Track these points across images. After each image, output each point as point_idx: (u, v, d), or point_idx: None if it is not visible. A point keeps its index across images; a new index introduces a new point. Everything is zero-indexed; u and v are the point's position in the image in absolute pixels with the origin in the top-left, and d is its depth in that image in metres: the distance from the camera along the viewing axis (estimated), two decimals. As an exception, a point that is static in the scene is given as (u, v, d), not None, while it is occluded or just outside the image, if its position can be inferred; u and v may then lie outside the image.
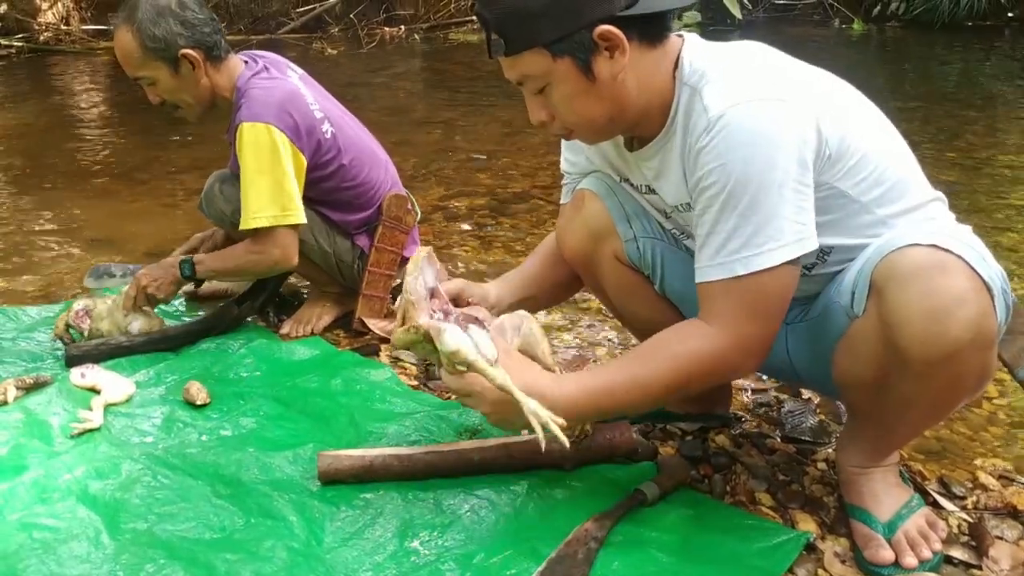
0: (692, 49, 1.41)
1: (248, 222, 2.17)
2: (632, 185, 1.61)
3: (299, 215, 2.20)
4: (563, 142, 1.70)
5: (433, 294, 1.48)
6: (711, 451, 1.79)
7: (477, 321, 1.45)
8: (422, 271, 1.47)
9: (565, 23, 1.32)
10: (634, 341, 2.31)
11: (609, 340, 2.39)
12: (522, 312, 1.55)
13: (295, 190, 2.19)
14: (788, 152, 1.27)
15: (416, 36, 8.69)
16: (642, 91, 1.39)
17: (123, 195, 4.08)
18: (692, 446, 1.79)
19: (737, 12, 7.76)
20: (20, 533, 1.53)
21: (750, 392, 2.05)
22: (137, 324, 2.29)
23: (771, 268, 1.29)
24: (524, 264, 1.84)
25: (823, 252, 1.42)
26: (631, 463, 1.71)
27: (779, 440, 1.84)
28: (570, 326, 2.48)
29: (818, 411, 1.94)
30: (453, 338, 1.35)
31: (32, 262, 3.20)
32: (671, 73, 1.40)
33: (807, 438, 1.83)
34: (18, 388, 2.00)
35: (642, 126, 1.45)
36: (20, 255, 3.28)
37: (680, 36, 1.44)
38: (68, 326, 2.29)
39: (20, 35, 8.82)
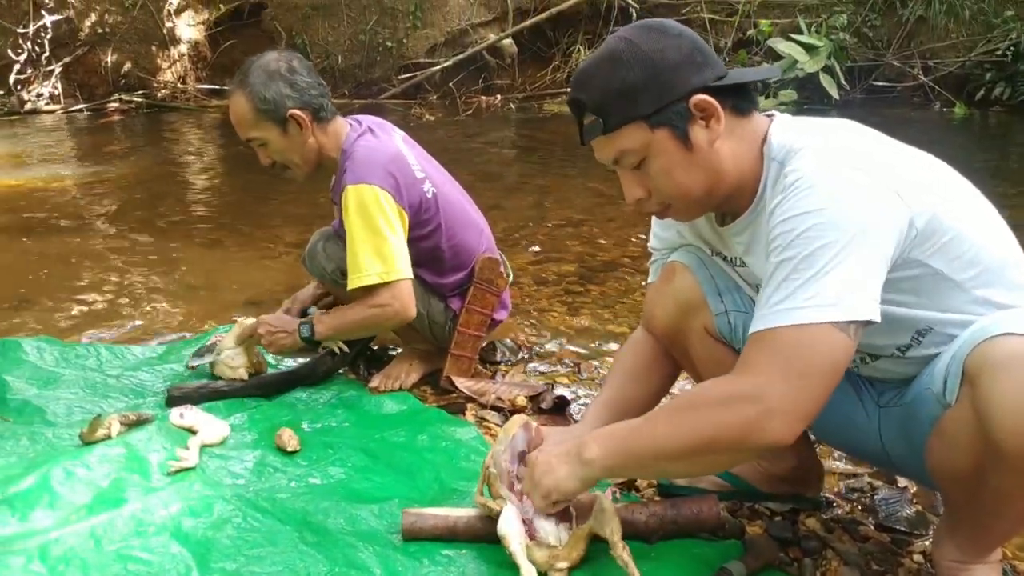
0: (780, 126, 1.44)
1: (357, 281, 2.24)
2: (724, 259, 1.61)
3: (406, 270, 2.26)
4: (653, 218, 1.71)
5: (523, 459, 1.63)
6: (801, 534, 1.74)
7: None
8: (513, 440, 1.63)
9: (662, 94, 1.37)
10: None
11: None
12: (597, 492, 1.59)
13: (401, 246, 2.25)
14: (857, 218, 1.26)
15: (512, 105, 8.89)
16: (735, 161, 1.42)
17: (226, 245, 4.25)
18: (781, 527, 1.74)
19: (834, 92, 7.71)
20: (116, 564, 1.58)
21: (843, 476, 1.99)
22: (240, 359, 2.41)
23: (810, 324, 1.25)
24: (609, 395, 1.77)
25: (919, 333, 1.39)
26: (716, 539, 1.68)
27: (873, 528, 1.78)
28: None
29: (915, 500, 1.87)
30: (505, 523, 1.54)
31: (136, 304, 3.36)
32: (760, 148, 1.43)
33: (903, 528, 1.76)
34: (122, 424, 2.08)
35: (733, 201, 1.47)
36: (126, 296, 3.44)
37: (770, 115, 1.47)
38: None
39: (140, 91, 9.35)
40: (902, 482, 1.94)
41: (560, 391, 2.43)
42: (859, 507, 1.86)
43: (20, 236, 4.40)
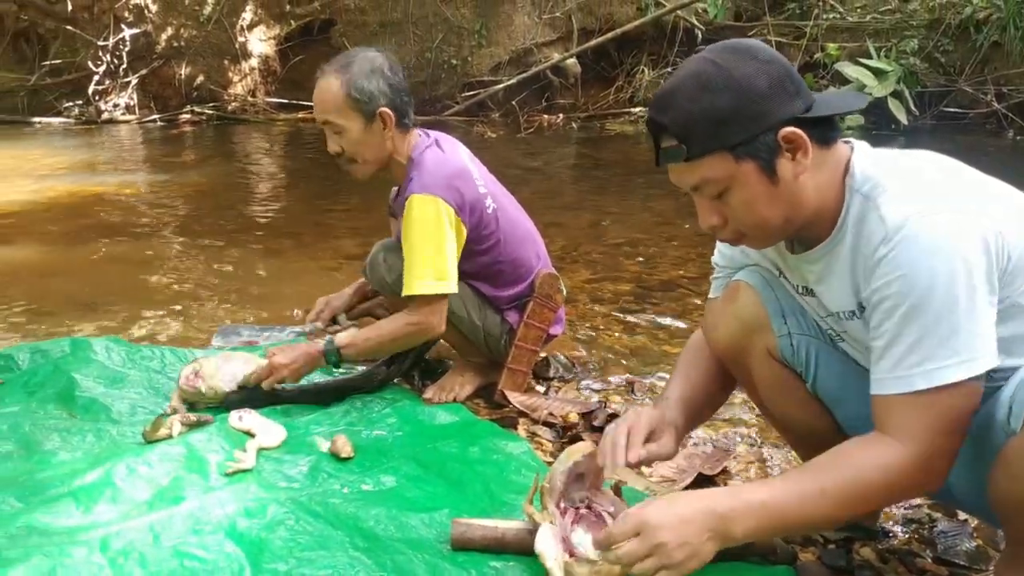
0: (863, 156, 1.41)
1: (411, 288, 2.27)
2: (790, 283, 1.60)
3: (453, 285, 2.29)
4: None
5: (579, 478, 1.64)
6: (855, 563, 1.70)
7: (601, 518, 1.61)
8: (575, 465, 1.63)
9: (751, 125, 1.32)
10: (773, 434, 2.25)
11: (750, 436, 2.33)
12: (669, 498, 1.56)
13: (453, 261, 2.28)
14: (971, 265, 1.25)
15: (573, 124, 8.92)
16: (817, 193, 1.38)
17: (286, 254, 4.34)
18: (835, 555, 1.71)
19: (903, 117, 7.57)
20: (173, 559, 1.62)
21: (901, 507, 1.94)
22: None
23: (957, 383, 1.26)
24: (678, 387, 1.73)
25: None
26: (767, 564, 1.65)
27: (930, 561, 1.74)
28: (712, 419, 2.44)
29: (975, 534, 1.82)
30: (541, 541, 1.53)
31: (200, 309, 3.45)
32: (842, 179, 1.40)
33: (962, 562, 1.72)
34: (183, 424, 2.14)
35: (809, 229, 1.44)
36: (190, 301, 3.53)
37: (848, 143, 1.43)
38: (184, 400, 2.30)
39: (211, 104, 9.62)
40: (962, 516, 1.89)
41: (613, 409, 2.42)
42: (917, 539, 1.82)
43: (93, 240, 4.55)
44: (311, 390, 2.40)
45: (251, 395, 2.32)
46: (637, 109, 9.07)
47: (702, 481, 2.07)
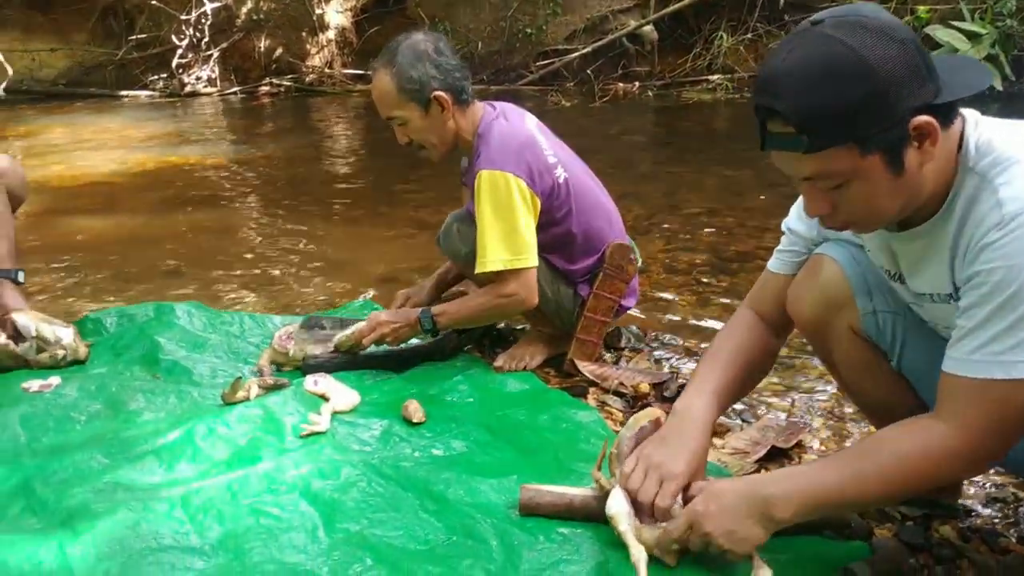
0: (974, 127, 1.30)
1: (484, 265, 2.27)
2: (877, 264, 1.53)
3: (533, 258, 2.28)
4: (798, 204, 1.63)
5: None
6: (934, 541, 1.65)
7: None
8: (641, 431, 1.63)
9: (883, 117, 1.20)
10: (850, 408, 2.19)
11: (827, 411, 2.27)
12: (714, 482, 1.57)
13: (530, 234, 2.27)
14: None
15: (650, 93, 8.77)
16: (935, 178, 1.29)
17: (363, 224, 4.40)
18: (913, 532, 1.66)
19: (998, 83, 7.22)
20: (249, 517, 1.67)
21: (984, 485, 1.87)
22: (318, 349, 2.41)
23: None
24: (712, 375, 1.68)
25: None
26: (842, 540, 1.61)
27: (1014, 541, 1.67)
28: (784, 390, 2.39)
29: (1065, 516, 1.75)
30: (614, 504, 1.53)
31: (277, 275, 3.52)
32: (954, 155, 1.29)
33: (1050, 544, 1.65)
34: (260, 387, 2.19)
35: (916, 211, 1.34)
36: (269, 268, 3.61)
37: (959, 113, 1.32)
38: (272, 361, 2.39)
39: (290, 76, 9.77)
40: (1052, 496, 1.81)
41: (685, 380, 2.39)
42: (1000, 519, 1.75)
43: (177, 209, 4.69)
44: (384, 356, 2.43)
45: (328, 360, 2.36)
46: (715, 77, 8.85)
47: (776, 454, 2.04)
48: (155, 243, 4.04)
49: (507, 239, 2.25)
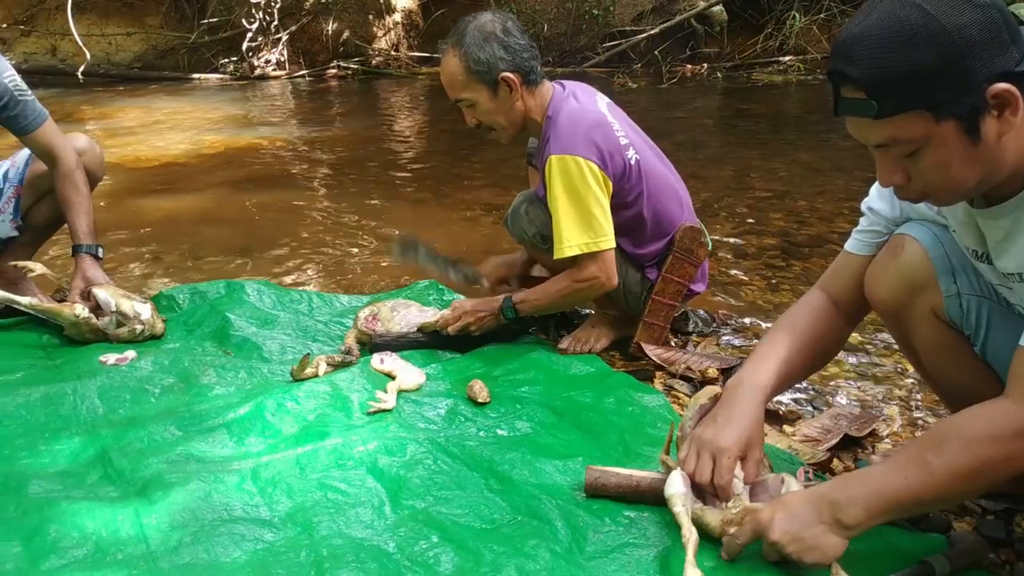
0: None
1: (562, 251, 2.24)
2: (962, 244, 1.47)
3: (610, 240, 2.25)
4: (878, 183, 1.58)
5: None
6: (1016, 536, 1.59)
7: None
8: (701, 410, 1.63)
9: (959, 83, 1.16)
10: (927, 396, 2.12)
11: (903, 400, 2.21)
12: (786, 475, 1.55)
13: (605, 216, 2.23)
14: None
15: (718, 74, 8.61)
16: (1017, 148, 1.23)
17: (428, 204, 4.41)
18: (994, 526, 1.60)
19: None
20: (317, 491, 1.69)
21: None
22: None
23: None
24: (771, 352, 1.64)
25: None
26: (918, 531, 1.56)
27: (1103, 538, 1.60)
28: (858, 377, 2.33)
29: None
30: (671, 485, 1.53)
31: (342, 255, 3.56)
32: None
33: None
34: (328, 364, 2.22)
35: (1000, 186, 1.28)
36: (336, 248, 3.65)
37: None
38: (357, 339, 2.42)
39: (356, 58, 9.86)
40: None
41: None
42: (1091, 515, 1.68)
43: (246, 189, 4.77)
44: (448, 336, 2.43)
45: (395, 339, 2.38)
46: (787, 58, 8.67)
47: (848, 443, 1.98)
48: (225, 222, 4.12)
49: (583, 222, 2.21)
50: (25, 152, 2.74)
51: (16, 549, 1.48)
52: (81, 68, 9.49)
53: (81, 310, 2.42)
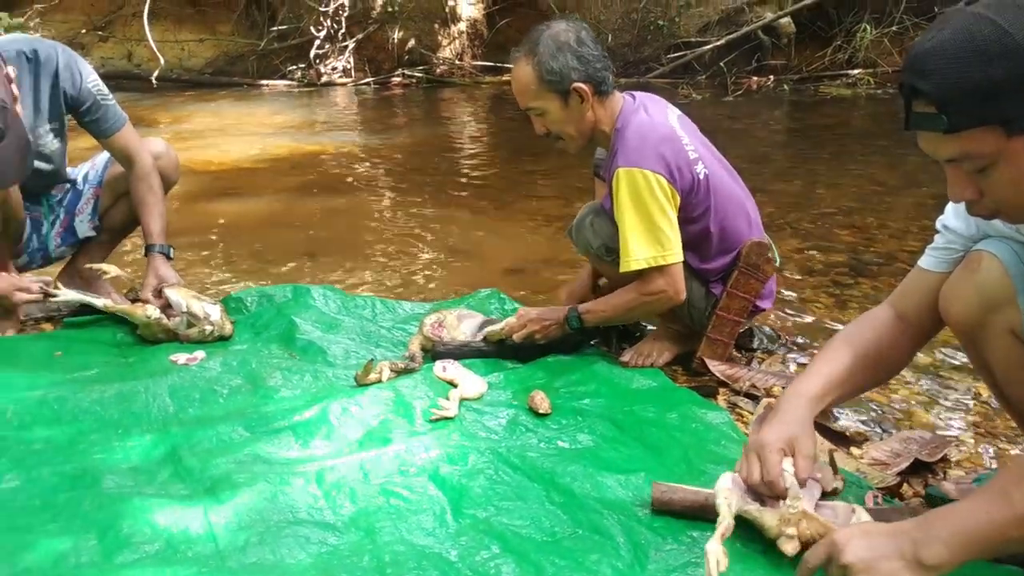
0: None
1: (628, 264, 2.23)
2: None
3: (678, 253, 2.23)
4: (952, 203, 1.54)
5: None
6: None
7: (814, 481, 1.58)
8: (758, 421, 1.65)
9: None
10: (1004, 422, 2.06)
11: (977, 424, 2.14)
12: (856, 506, 1.54)
13: (673, 229, 2.22)
14: None
15: (785, 87, 8.49)
16: None
17: (489, 213, 4.43)
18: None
19: None
20: (380, 496, 1.70)
21: None
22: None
23: None
24: (827, 362, 1.62)
25: None
26: (997, 564, 1.51)
27: None
28: (929, 400, 2.27)
29: None
30: (720, 480, 1.55)
31: (404, 262, 3.59)
32: None
33: None
34: (391, 370, 2.24)
35: None
36: (399, 255, 3.69)
37: None
38: (422, 345, 2.42)
39: (421, 67, 9.97)
40: None
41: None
42: None
43: (311, 195, 4.85)
44: (511, 346, 2.44)
45: (458, 347, 2.39)
46: (856, 71, 8.51)
47: (919, 468, 1.93)
48: (291, 227, 4.20)
49: (650, 235, 2.20)
50: (104, 155, 2.83)
51: (92, 542, 1.52)
52: (155, 73, 9.76)
53: (153, 311, 2.49)
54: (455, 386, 2.18)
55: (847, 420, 2.18)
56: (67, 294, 2.56)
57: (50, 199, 2.82)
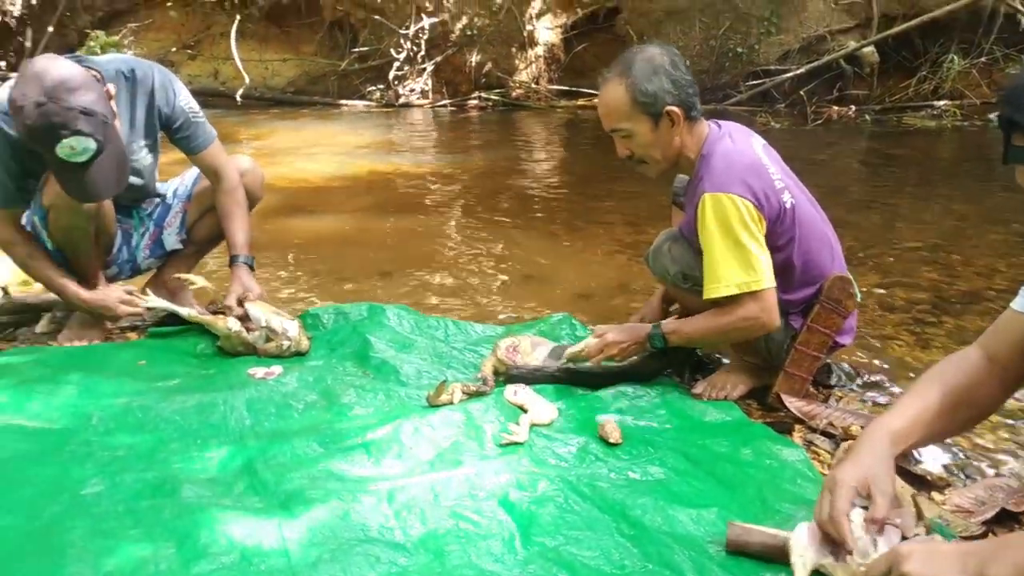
0: None
1: (717, 290, 2.19)
2: None
3: (770, 279, 2.18)
4: None
5: None
6: None
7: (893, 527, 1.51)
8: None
9: None
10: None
11: (1068, 476, 2.05)
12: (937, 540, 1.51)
13: (764, 255, 2.17)
14: None
15: (867, 117, 8.32)
16: None
17: (561, 238, 4.43)
18: None
19: None
20: (450, 519, 1.71)
21: None
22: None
23: None
24: (913, 400, 1.58)
25: None
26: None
27: None
28: (1018, 447, 2.18)
29: None
30: (795, 534, 1.53)
31: (475, 284, 3.61)
32: None
33: None
34: (463, 392, 2.25)
35: None
36: (471, 277, 3.71)
37: None
38: (494, 368, 2.43)
39: (497, 90, 10.06)
40: None
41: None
42: None
43: (385, 214, 4.92)
44: (584, 373, 2.43)
45: (530, 372, 2.39)
46: (941, 103, 8.29)
47: (1004, 517, 1.85)
48: (366, 245, 4.26)
49: (741, 261, 2.15)
50: (193, 171, 2.92)
51: (170, 550, 1.56)
52: (239, 91, 10.07)
53: (233, 323, 2.55)
54: (526, 411, 2.17)
55: (929, 464, 2.11)
56: (155, 301, 2.65)
57: (140, 212, 2.93)
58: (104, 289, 2.66)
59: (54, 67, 2.27)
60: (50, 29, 11.13)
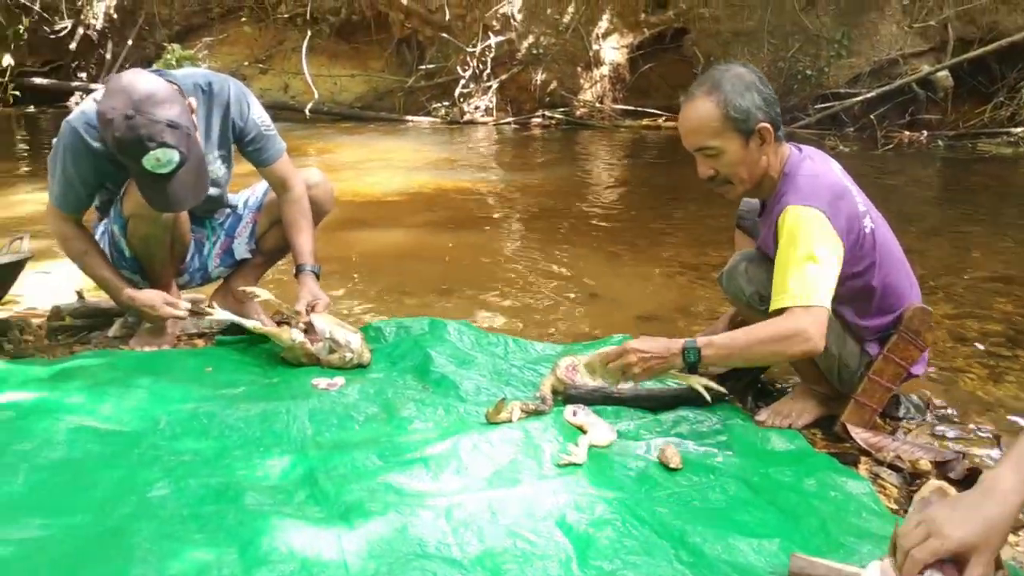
0: None
1: (781, 301, 2.10)
2: None
3: (826, 299, 2.07)
4: None
5: None
6: None
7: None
8: (923, 504, 1.57)
9: None
10: None
11: None
12: None
13: (830, 275, 2.09)
14: None
15: (939, 143, 8.13)
16: None
17: (623, 258, 4.41)
18: None
19: None
20: (507, 538, 1.70)
21: None
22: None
23: None
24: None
25: None
26: None
27: None
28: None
29: None
30: (866, 571, 1.45)
31: (535, 302, 3.61)
32: None
33: None
34: (522, 411, 2.24)
35: None
36: (531, 295, 3.71)
37: None
38: (553, 388, 2.38)
39: (561, 108, 10.10)
40: None
41: (974, 463, 2.16)
42: None
43: (447, 230, 4.96)
44: (644, 395, 2.40)
45: (589, 392, 2.37)
46: (1019, 130, 8.06)
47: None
48: (428, 260, 4.30)
49: (807, 275, 2.07)
50: (263, 183, 2.99)
51: (232, 556, 1.58)
52: (308, 105, 10.28)
53: (297, 334, 2.59)
54: (584, 432, 2.16)
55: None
56: (220, 314, 2.70)
57: (212, 222, 3.00)
58: (149, 291, 2.71)
59: (141, 81, 2.34)
60: (129, 42, 11.52)
